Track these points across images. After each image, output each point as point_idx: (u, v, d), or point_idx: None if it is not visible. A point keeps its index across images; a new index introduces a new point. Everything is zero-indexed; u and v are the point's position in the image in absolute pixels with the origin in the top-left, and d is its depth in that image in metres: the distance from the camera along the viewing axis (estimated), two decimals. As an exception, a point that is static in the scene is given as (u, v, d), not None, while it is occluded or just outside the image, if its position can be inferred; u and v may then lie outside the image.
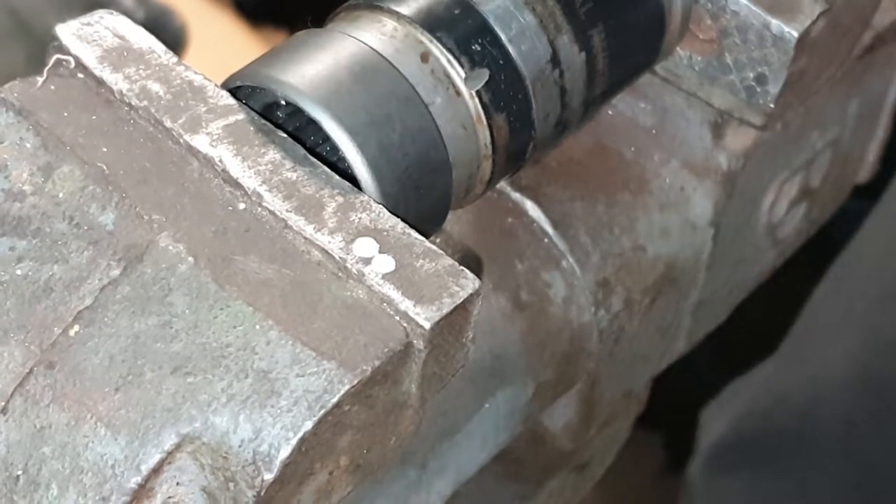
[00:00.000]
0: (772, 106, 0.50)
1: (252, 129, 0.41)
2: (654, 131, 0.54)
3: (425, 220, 0.43)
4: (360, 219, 0.40)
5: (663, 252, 0.55)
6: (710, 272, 0.57)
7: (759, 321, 0.97)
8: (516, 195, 0.53)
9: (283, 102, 0.42)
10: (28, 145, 0.40)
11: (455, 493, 0.52)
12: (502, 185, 0.52)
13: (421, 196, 0.43)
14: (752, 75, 0.50)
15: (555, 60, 0.45)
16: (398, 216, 0.40)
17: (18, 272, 0.39)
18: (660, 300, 0.56)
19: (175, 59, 0.42)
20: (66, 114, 0.41)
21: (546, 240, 0.53)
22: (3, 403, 0.37)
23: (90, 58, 0.42)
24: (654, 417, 0.74)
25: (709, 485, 0.92)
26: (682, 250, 0.56)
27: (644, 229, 0.55)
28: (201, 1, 1.19)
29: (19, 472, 0.37)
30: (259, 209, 0.40)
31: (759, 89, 0.50)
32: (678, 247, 0.56)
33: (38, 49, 0.98)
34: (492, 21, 0.44)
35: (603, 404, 0.57)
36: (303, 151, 0.41)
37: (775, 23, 0.49)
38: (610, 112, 0.54)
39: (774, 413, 0.89)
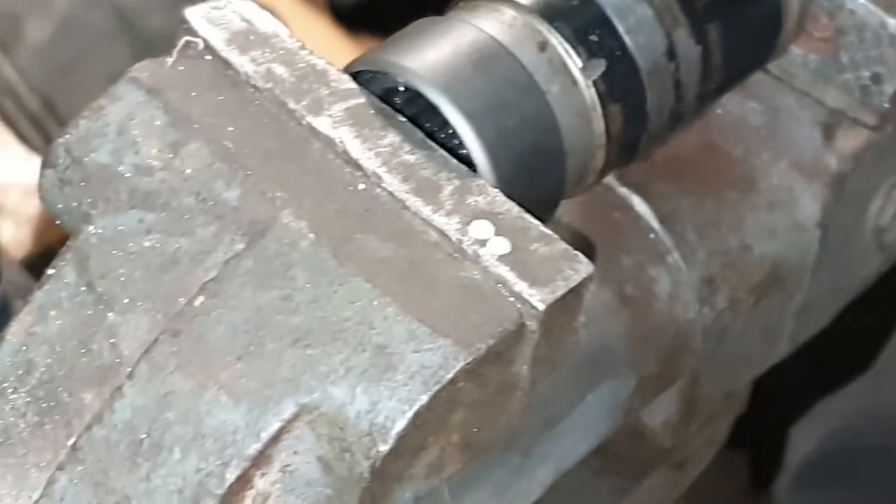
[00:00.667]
0: (886, 105, 0.50)
1: (372, 112, 0.42)
2: (763, 131, 0.54)
3: (538, 206, 0.43)
4: (476, 202, 0.40)
5: (769, 252, 0.55)
6: (815, 274, 0.57)
7: (854, 338, 0.96)
8: (623, 190, 0.54)
9: (401, 88, 0.43)
10: (158, 123, 0.41)
11: (553, 484, 0.52)
12: (609, 179, 0.53)
13: (535, 182, 0.43)
14: (867, 74, 0.50)
15: (671, 53, 0.45)
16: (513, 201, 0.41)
17: (147, 244, 0.40)
18: (764, 301, 0.56)
19: (299, 43, 0.43)
20: (194, 93, 0.42)
21: (652, 235, 0.53)
22: (129, 369, 0.39)
23: (218, 40, 0.43)
24: (741, 434, 0.74)
25: (794, 501, 0.91)
26: (789, 251, 0.56)
27: (751, 228, 0.55)
28: (299, 4, 1.21)
29: (143, 436, 0.38)
30: (378, 190, 0.41)
31: (874, 88, 0.50)
32: (785, 247, 0.55)
33: (142, 47, 1.01)
34: (609, 12, 0.45)
35: (703, 403, 0.57)
36: (421, 135, 0.42)
37: (892, 22, 0.48)
38: (719, 111, 0.55)
39: (866, 430, 0.88)
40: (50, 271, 0.40)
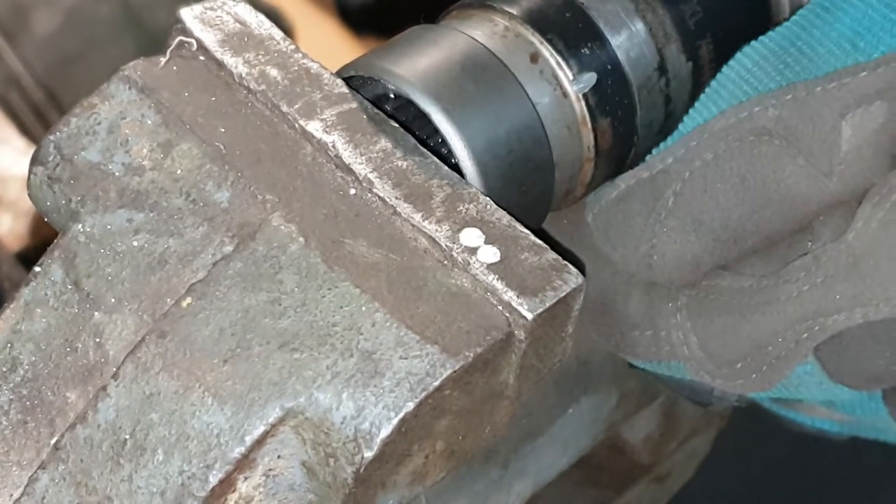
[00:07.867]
0: None
1: (365, 117, 0.42)
2: None
3: (526, 217, 0.43)
4: (467, 209, 0.40)
5: None
6: None
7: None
8: (609, 204, 0.54)
9: (392, 95, 0.43)
10: (149, 122, 0.41)
11: (534, 496, 0.52)
12: (595, 193, 0.53)
13: (523, 193, 0.44)
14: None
15: (662, 68, 0.46)
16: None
17: (135, 244, 0.40)
18: None
19: (293, 46, 0.43)
20: (186, 94, 0.42)
21: None
22: (114, 369, 0.38)
23: (212, 41, 0.43)
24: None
25: None
26: None
27: None
28: (307, 5, 1.20)
29: (127, 437, 0.38)
30: (369, 195, 0.41)
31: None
32: None
33: (148, 42, 1.00)
34: (602, 26, 0.45)
35: (685, 419, 0.58)
36: (413, 141, 0.42)
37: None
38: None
39: None
40: (37, 269, 0.40)
